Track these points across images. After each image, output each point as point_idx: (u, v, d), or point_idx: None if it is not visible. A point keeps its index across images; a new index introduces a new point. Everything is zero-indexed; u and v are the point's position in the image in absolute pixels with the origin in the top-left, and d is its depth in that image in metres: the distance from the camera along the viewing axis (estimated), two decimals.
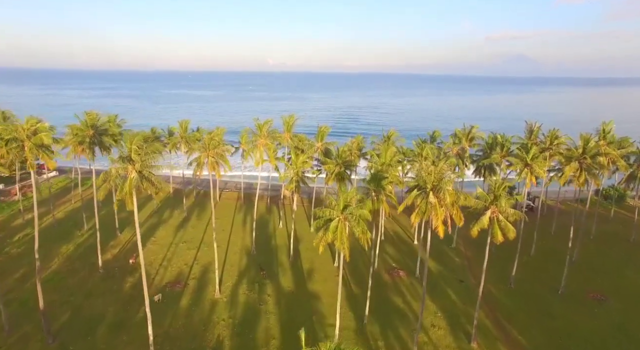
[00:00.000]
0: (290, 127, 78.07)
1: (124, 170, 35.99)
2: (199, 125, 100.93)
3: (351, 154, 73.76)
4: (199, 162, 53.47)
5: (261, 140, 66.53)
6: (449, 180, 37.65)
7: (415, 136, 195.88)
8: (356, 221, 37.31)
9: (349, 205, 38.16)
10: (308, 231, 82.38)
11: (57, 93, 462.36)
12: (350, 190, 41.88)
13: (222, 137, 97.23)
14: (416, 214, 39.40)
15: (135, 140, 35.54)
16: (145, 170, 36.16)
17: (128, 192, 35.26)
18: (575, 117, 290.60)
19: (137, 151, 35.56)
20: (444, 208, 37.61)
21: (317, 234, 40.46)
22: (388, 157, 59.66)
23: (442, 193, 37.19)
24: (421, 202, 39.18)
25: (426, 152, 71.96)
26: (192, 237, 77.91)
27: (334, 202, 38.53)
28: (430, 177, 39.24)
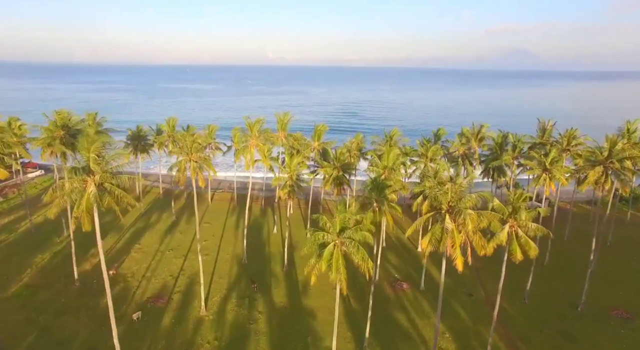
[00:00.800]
0: (285, 126, 72.60)
1: (80, 183, 30.51)
2: (189, 123, 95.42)
3: (350, 155, 68.37)
4: (180, 167, 48.00)
5: (252, 141, 61.09)
6: (470, 199, 31.80)
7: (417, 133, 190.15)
8: (355, 247, 31.83)
9: (347, 227, 32.63)
10: (304, 237, 77.02)
11: (53, 87, 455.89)
12: (348, 209, 36.13)
13: (213, 136, 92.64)
14: (428, 240, 33.58)
15: (93, 147, 30.00)
16: (107, 183, 30.70)
17: (85, 210, 29.83)
18: (578, 112, 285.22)
19: (97, 160, 30.06)
20: (463, 234, 31.87)
21: (309, 261, 34.89)
22: (390, 160, 54.30)
23: (461, 217, 31.38)
24: (435, 227, 33.36)
25: (432, 153, 66.62)
26: (179, 243, 72.58)
27: (328, 224, 32.93)
28: (446, 197, 33.38)
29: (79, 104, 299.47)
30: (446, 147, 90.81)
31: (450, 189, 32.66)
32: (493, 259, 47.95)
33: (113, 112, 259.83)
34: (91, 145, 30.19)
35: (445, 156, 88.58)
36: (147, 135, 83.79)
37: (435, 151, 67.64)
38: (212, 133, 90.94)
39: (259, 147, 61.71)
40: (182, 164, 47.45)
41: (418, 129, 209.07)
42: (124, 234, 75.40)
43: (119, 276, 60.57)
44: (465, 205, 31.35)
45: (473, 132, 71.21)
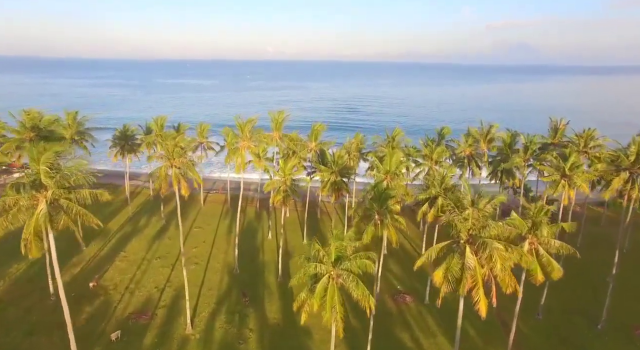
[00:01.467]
0: (280, 126, 68.03)
1: (30, 200, 25.95)
2: (186, 120, 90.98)
3: (349, 157, 63.81)
4: (159, 174, 43.45)
5: (243, 143, 56.53)
6: (495, 227, 26.86)
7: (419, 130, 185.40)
8: (354, 281, 27.29)
9: (344, 257, 28.05)
10: (300, 243, 72.77)
11: (51, 82, 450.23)
12: (346, 233, 31.31)
13: (205, 135, 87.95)
14: (443, 274, 28.56)
15: (44, 157, 25.41)
16: (63, 199, 26.16)
17: (33, 233, 25.29)
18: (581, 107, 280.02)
19: (49, 174, 25.49)
20: (487, 269, 26.95)
21: (299, 295, 30.27)
22: (393, 164, 49.80)
23: (486, 251, 26.47)
24: (452, 261, 28.37)
25: (437, 155, 62.08)
26: (168, 251, 68.13)
27: (321, 252, 28.27)
28: (465, 225, 28.36)
29: (76, 100, 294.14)
30: (451, 147, 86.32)
31: (471, 215, 27.80)
32: None
33: (110, 108, 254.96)
34: (41, 155, 25.60)
35: (450, 157, 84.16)
36: (134, 134, 79.15)
37: (441, 153, 63.09)
38: (203, 132, 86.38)
39: (250, 148, 57.13)
40: (163, 170, 42.93)
41: (419, 125, 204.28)
42: (110, 240, 70.97)
43: (100, 288, 56.16)
44: (489, 233, 26.60)
45: (482, 133, 66.53)
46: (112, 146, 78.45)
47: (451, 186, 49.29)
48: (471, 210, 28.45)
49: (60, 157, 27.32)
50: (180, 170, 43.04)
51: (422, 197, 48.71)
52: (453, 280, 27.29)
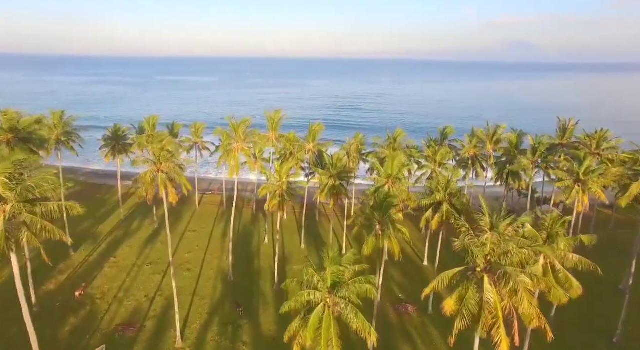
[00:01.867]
0: (276, 126, 65.23)
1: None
2: (174, 121, 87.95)
3: (349, 159, 61.01)
4: (144, 180, 40.64)
5: (237, 145, 53.69)
6: (518, 253, 23.54)
7: (420, 128, 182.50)
8: (353, 312, 24.46)
9: (341, 282, 25.15)
10: (298, 247, 70.02)
11: (47, 79, 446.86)
12: (344, 255, 28.18)
13: (200, 135, 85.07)
14: (456, 303, 25.23)
15: (2, 167, 22.56)
16: (25, 214, 23.35)
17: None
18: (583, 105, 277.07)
19: (8, 185, 22.63)
20: (507, 301, 23.82)
21: (290, 325, 27.37)
22: (395, 167, 46.99)
23: (509, 284, 23.37)
24: (467, 293, 25.15)
25: (440, 157, 59.26)
26: (160, 256, 65.38)
27: (316, 277, 25.24)
28: (482, 250, 24.78)
29: (73, 97, 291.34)
30: (454, 147, 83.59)
31: (490, 240, 24.69)
32: None
33: (107, 106, 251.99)
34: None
35: (453, 158, 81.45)
36: (126, 134, 76.27)
37: (445, 154, 60.30)
38: (198, 132, 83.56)
39: (244, 151, 54.29)
40: (148, 176, 40.11)
41: (421, 123, 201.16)
42: (100, 245, 68.27)
43: (87, 297, 53.42)
44: (511, 261, 23.52)
45: (488, 134, 63.61)
46: (103, 146, 75.56)
47: (456, 191, 46.47)
48: (490, 234, 25.26)
49: (25, 166, 24.47)
50: (167, 176, 40.24)
51: (426, 202, 45.96)
52: (468, 316, 24.02)
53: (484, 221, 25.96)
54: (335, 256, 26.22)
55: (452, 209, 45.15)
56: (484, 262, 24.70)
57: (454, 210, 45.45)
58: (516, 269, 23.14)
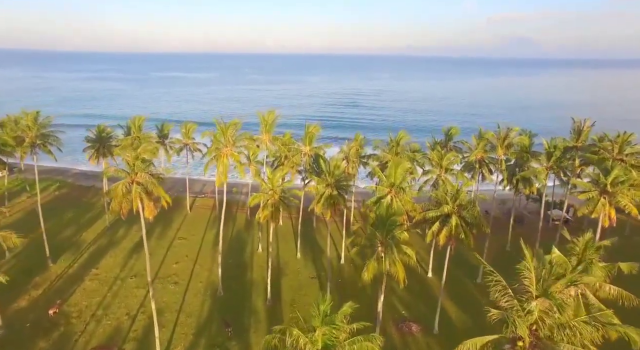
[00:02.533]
0: (270, 127, 60.74)
1: None
2: (166, 120, 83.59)
3: (348, 164, 56.58)
4: (116, 192, 36.17)
5: (225, 150, 49.24)
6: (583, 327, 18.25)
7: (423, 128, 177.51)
8: None
9: (335, 345, 20.58)
10: (294, 257, 65.71)
11: (44, 76, 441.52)
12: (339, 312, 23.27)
13: (190, 135, 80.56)
14: None
15: None
16: None
17: None
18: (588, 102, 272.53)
19: None
20: None
21: None
22: (399, 175, 42.56)
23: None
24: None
25: (447, 162, 54.78)
26: (145, 268, 60.81)
27: (302, 340, 20.37)
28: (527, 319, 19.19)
29: (69, 94, 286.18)
30: (459, 149, 79.10)
31: (537, 307, 19.69)
32: None
33: (104, 102, 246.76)
34: None
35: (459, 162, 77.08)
36: (111, 136, 71.72)
37: (452, 159, 55.85)
38: (189, 132, 79.04)
39: (233, 156, 49.80)
40: (120, 187, 35.66)
41: (422, 121, 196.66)
42: (82, 254, 63.89)
43: (61, 316, 49.08)
44: (571, 338, 18.41)
45: (499, 137, 58.97)
46: (87, 148, 71.02)
47: (467, 202, 42.06)
48: (539, 301, 20.02)
49: None
50: (143, 188, 35.82)
51: (433, 215, 41.54)
52: None
53: (529, 279, 21.06)
54: (326, 310, 21.67)
55: (461, 223, 40.77)
56: (530, 336, 19.63)
57: (464, 224, 41.09)
58: (577, 348, 18.25)
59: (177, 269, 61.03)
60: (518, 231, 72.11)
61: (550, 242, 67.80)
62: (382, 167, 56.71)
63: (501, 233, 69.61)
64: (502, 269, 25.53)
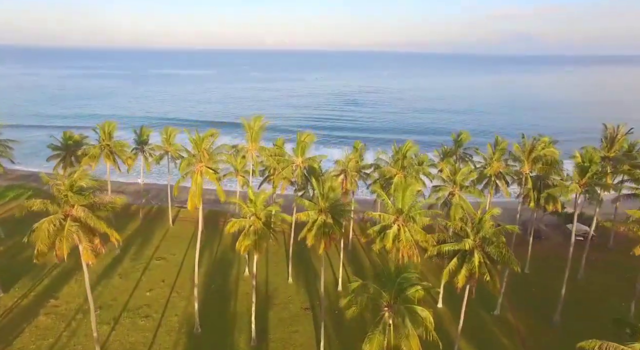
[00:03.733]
0: (257, 135, 53.05)
1: None
2: (144, 125, 75.55)
3: (346, 179, 48.71)
4: (40, 232, 28.19)
5: (199, 166, 41.40)
6: None
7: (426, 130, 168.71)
8: None
9: None
10: (285, 281, 58.01)
11: (36, 72, 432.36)
12: None
13: (172, 141, 72.46)
14: None
15: None
16: None
17: None
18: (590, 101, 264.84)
19: None
20: None
21: None
22: (408, 200, 34.77)
23: None
24: None
25: (462, 177, 46.90)
26: (114, 296, 53.28)
27: None
28: None
29: (59, 92, 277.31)
30: (469, 156, 71.43)
31: None
32: (542, 321, 28.66)
33: (94, 101, 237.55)
34: None
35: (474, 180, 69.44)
36: (81, 143, 63.69)
37: (467, 175, 47.95)
38: (170, 138, 71.03)
39: (208, 174, 41.92)
40: (47, 226, 27.74)
41: (425, 121, 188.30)
42: (41, 280, 55.84)
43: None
44: None
45: (524, 149, 50.79)
46: (52, 157, 62.97)
47: (491, 233, 34.23)
48: None
49: None
50: (77, 227, 27.95)
51: (449, 249, 33.72)
52: None
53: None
54: None
55: (485, 260, 33.00)
56: None
57: (488, 261, 33.30)
58: None
59: (151, 298, 53.22)
60: (536, 248, 64.58)
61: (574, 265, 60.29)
62: (386, 183, 48.95)
63: (517, 251, 61.47)
64: (524, 299, 17.80)
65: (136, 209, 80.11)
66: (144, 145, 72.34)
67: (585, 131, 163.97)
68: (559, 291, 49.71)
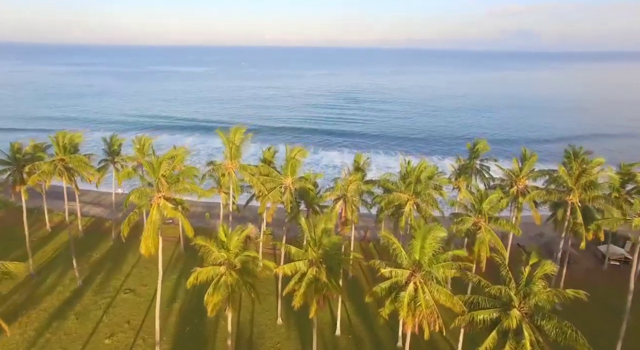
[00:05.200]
0: (237, 152, 43.70)
1: None
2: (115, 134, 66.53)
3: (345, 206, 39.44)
4: None
5: (157, 199, 32.19)
6: None
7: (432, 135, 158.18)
8: None
9: None
10: (273, 321, 48.93)
11: (28, 69, 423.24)
12: None
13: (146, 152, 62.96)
14: None
15: None
16: None
17: None
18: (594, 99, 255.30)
19: None
20: None
21: None
22: (428, 250, 25.67)
23: None
24: None
25: (489, 206, 37.71)
26: (65, 346, 44.11)
27: None
28: None
29: (50, 90, 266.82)
30: (486, 169, 62.35)
31: None
32: None
33: (84, 100, 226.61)
34: None
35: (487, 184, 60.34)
36: (34, 156, 54.22)
37: (497, 203, 38.56)
38: (144, 148, 61.89)
39: (167, 209, 32.70)
40: None
41: (429, 124, 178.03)
42: None
43: None
44: None
45: (572, 173, 41.01)
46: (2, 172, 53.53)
47: (547, 299, 25.04)
48: None
49: None
50: None
51: (486, 317, 24.61)
52: None
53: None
54: None
55: (537, 337, 23.91)
56: None
57: (541, 339, 24.19)
58: None
59: (110, 348, 44.09)
60: (567, 277, 55.39)
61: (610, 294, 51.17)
62: (396, 211, 39.78)
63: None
64: None
65: (110, 226, 71.04)
66: (114, 155, 63.17)
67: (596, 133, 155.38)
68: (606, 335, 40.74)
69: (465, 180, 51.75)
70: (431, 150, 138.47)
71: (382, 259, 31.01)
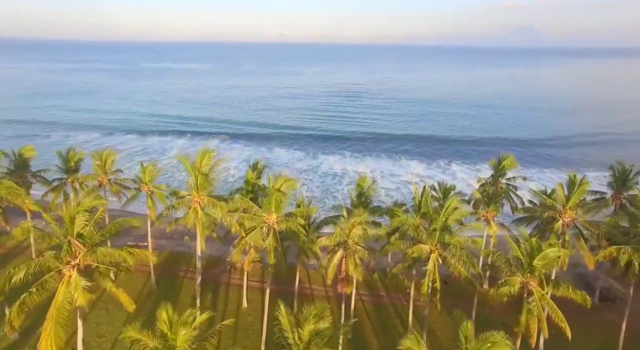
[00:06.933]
0: (204, 183, 33.49)
1: None
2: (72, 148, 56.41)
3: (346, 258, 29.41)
4: None
5: (68, 271, 21.97)
6: None
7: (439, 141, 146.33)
8: None
9: None
10: None
11: (21, 67, 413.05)
12: None
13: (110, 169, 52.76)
14: None
15: None
16: None
17: None
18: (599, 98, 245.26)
19: None
20: None
21: None
22: None
23: None
24: None
25: (542, 262, 27.62)
26: None
27: None
28: None
29: (41, 89, 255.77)
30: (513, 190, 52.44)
31: None
32: None
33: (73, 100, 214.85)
34: None
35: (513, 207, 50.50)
36: None
37: (553, 260, 28.17)
38: (106, 165, 51.73)
39: (78, 289, 22.44)
40: None
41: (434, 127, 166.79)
42: None
43: None
44: None
45: None
46: None
47: None
48: None
49: None
50: None
51: None
52: None
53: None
54: None
55: None
56: None
57: None
58: None
59: None
60: (610, 319, 45.42)
61: None
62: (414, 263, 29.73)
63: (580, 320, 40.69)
64: None
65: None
66: (70, 173, 53.05)
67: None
68: None
69: (495, 211, 41.95)
70: (434, 152, 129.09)
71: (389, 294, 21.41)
